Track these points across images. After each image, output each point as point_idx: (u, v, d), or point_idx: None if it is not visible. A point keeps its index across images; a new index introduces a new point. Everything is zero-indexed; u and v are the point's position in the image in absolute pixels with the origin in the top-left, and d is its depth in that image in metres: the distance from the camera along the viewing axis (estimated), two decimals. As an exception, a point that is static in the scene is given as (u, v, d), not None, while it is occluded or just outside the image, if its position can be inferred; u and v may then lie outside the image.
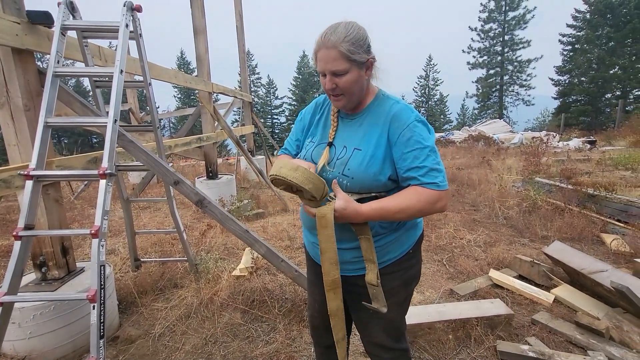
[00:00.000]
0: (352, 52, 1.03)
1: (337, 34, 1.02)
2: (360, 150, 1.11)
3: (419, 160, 1.04)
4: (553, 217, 4.10)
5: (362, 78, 1.09)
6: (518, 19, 28.70)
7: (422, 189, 1.04)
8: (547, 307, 2.44)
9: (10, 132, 1.97)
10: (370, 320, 1.25)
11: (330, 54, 1.03)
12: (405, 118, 1.08)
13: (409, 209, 1.03)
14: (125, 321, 2.45)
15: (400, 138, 1.07)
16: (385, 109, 1.13)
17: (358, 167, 1.09)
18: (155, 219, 4.93)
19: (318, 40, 1.06)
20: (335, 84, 1.07)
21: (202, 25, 4.87)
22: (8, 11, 1.83)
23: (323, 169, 1.15)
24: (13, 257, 1.62)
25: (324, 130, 1.25)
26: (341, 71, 1.05)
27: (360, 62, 1.06)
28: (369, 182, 1.09)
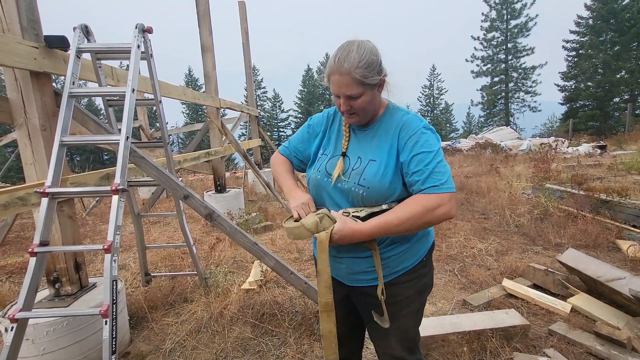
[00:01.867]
0: (366, 76, 1.04)
1: (350, 60, 1.02)
2: (375, 161, 1.13)
3: (423, 164, 1.04)
4: (566, 224, 4.02)
5: (375, 97, 1.13)
6: (520, 26, 28.83)
7: (421, 196, 1.03)
8: (564, 317, 2.37)
9: (28, 152, 2.04)
10: (386, 332, 1.22)
11: (344, 80, 1.04)
12: (414, 126, 1.11)
13: (410, 219, 1.01)
14: (136, 337, 2.45)
15: (407, 143, 1.09)
16: (395, 120, 1.15)
17: (373, 178, 1.10)
18: (165, 234, 4.97)
19: (331, 64, 1.06)
20: (350, 105, 1.10)
21: (210, 43, 5.01)
22: (27, 37, 1.93)
23: (338, 179, 1.16)
24: (28, 273, 1.65)
25: (336, 142, 1.26)
26: (356, 95, 1.07)
27: (372, 84, 1.08)
28: (384, 192, 1.10)
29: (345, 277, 1.24)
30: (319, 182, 1.23)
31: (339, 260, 1.22)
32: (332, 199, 1.19)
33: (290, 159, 1.40)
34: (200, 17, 4.91)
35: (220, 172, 5.57)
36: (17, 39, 1.84)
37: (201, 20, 4.92)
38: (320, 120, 1.34)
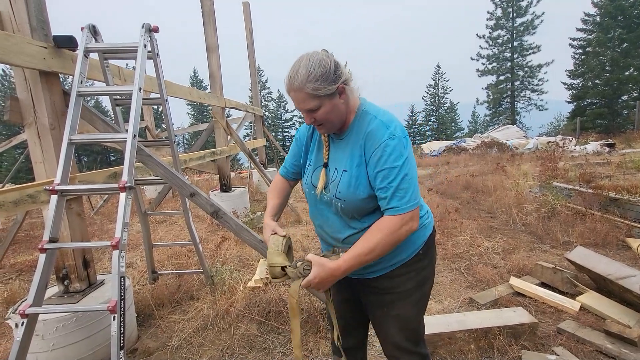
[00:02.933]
0: (318, 89, 1.04)
1: (299, 77, 1.03)
2: (347, 171, 1.14)
3: (387, 181, 1.05)
4: (574, 222, 3.97)
5: (337, 105, 1.10)
6: (526, 24, 28.52)
7: (384, 220, 1.07)
8: (573, 316, 2.34)
9: (37, 150, 2.07)
10: (386, 320, 1.25)
11: (298, 96, 1.07)
12: (379, 137, 1.07)
13: (378, 246, 1.04)
14: (143, 333, 2.47)
15: (372, 157, 1.08)
16: (363, 127, 1.13)
17: (347, 190, 1.12)
18: (171, 232, 5.01)
19: (286, 83, 1.09)
20: (313, 118, 1.11)
21: (215, 43, 5.04)
22: (36, 37, 1.95)
23: (321, 193, 1.21)
24: (38, 269, 1.68)
25: (317, 152, 1.28)
26: (313, 108, 1.08)
27: (329, 94, 1.06)
28: (359, 204, 1.13)
29: None
30: (309, 195, 1.29)
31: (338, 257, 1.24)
32: (322, 210, 1.25)
33: (287, 177, 1.43)
34: (205, 16, 4.95)
35: (225, 172, 5.60)
36: (27, 39, 1.87)
37: (206, 20, 4.95)
38: (304, 131, 1.35)
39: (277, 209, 1.37)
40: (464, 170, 8.81)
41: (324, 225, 1.26)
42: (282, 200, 1.41)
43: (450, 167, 10.44)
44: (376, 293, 1.25)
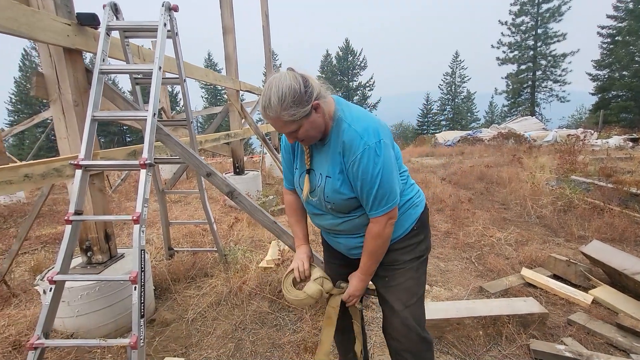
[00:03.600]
0: (294, 114, 1.07)
1: (273, 107, 1.06)
2: (330, 177, 1.21)
3: (366, 189, 1.14)
4: (591, 217, 3.89)
5: (315, 120, 1.13)
6: (553, 11, 27.17)
7: (372, 226, 1.21)
8: (585, 308, 2.33)
9: (62, 126, 2.13)
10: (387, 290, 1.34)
11: (276, 123, 1.11)
12: (354, 149, 1.12)
13: (378, 250, 1.24)
14: (160, 306, 2.58)
15: (350, 167, 1.15)
16: (340, 136, 1.16)
17: (333, 194, 1.21)
18: (185, 212, 5.14)
19: (261, 111, 1.12)
20: (295, 137, 1.16)
21: (231, 24, 5.01)
22: (60, 14, 1.98)
23: (307, 198, 1.29)
24: (64, 240, 1.76)
25: (302, 156, 1.32)
26: (293, 129, 1.12)
27: (305, 115, 1.09)
28: (346, 203, 1.22)
29: (346, 252, 1.40)
30: (300, 197, 1.36)
31: (338, 240, 1.38)
32: (313, 208, 1.33)
33: (292, 187, 1.45)
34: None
35: (239, 155, 5.65)
36: (52, 15, 1.90)
37: (223, 1, 4.90)
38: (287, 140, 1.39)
39: (306, 230, 1.47)
40: (478, 161, 8.66)
41: (317, 219, 1.37)
42: (304, 218, 1.49)
43: (464, 157, 10.26)
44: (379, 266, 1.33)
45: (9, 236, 4.27)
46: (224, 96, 37.28)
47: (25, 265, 3.33)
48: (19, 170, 1.70)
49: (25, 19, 1.71)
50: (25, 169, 1.74)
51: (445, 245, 3.58)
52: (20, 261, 3.44)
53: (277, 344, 2.11)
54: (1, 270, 2.68)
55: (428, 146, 15.65)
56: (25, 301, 2.62)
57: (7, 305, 2.57)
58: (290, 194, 1.47)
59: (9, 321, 2.30)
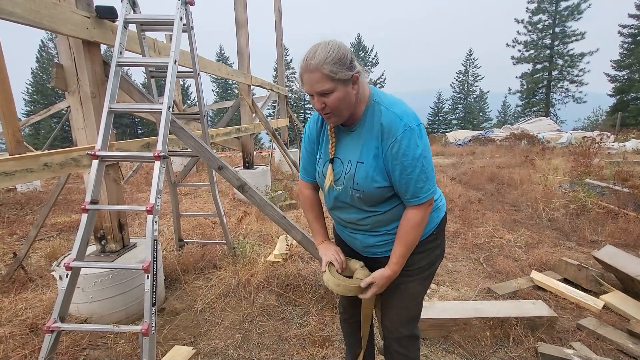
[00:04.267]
0: (335, 72, 1.04)
1: (317, 58, 1.03)
2: (363, 163, 1.14)
3: (406, 173, 1.09)
4: (605, 221, 3.81)
5: (350, 94, 1.09)
6: (572, 9, 26.38)
7: (409, 214, 1.16)
8: (595, 314, 2.29)
9: (79, 117, 2.18)
10: (395, 294, 1.33)
11: (313, 77, 1.05)
12: (394, 130, 1.08)
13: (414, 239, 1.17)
14: (170, 295, 2.64)
15: (389, 151, 1.10)
16: (376, 118, 1.13)
17: (364, 181, 1.14)
18: (195, 205, 5.21)
19: (301, 65, 1.07)
20: (324, 103, 1.08)
21: (244, 19, 5.02)
22: (80, 6, 2.02)
23: (330, 188, 1.23)
24: (81, 228, 1.81)
25: (326, 145, 1.27)
26: (327, 90, 1.06)
27: (344, 79, 1.06)
28: (376, 193, 1.15)
29: (361, 249, 1.35)
30: (322, 187, 1.31)
31: (355, 237, 1.32)
32: (334, 199, 1.28)
33: (311, 178, 1.38)
34: (236, -8, 4.91)
35: (249, 149, 5.69)
36: (72, 8, 1.94)
37: (237, -4, 4.91)
38: (312, 126, 1.33)
39: (325, 227, 1.42)
40: (489, 162, 8.54)
41: (338, 212, 1.31)
42: (323, 214, 1.43)
43: (475, 157, 10.13)
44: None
45: (26, 223, 4.40)
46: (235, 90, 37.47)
47: (42, 252, 3.43)
48: (39, 159, 1.75)
49: (47, 11, 1.75)
50: (45, 158, 1.79)
51: (454, 246, 3.56)
52: (37, 247, 3.54)
53: (284, 337, 2.14)
54: (19, 255, 2.77)
55: (438, 145, 15.48)
56: (42, 286, 2.71)
57: (24, 289, 2.66)
58: (308, 189, 1.41)
59: (26, 304, 2.38)
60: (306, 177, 1.39)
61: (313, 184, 1.39)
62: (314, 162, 1.34)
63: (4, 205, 5.12)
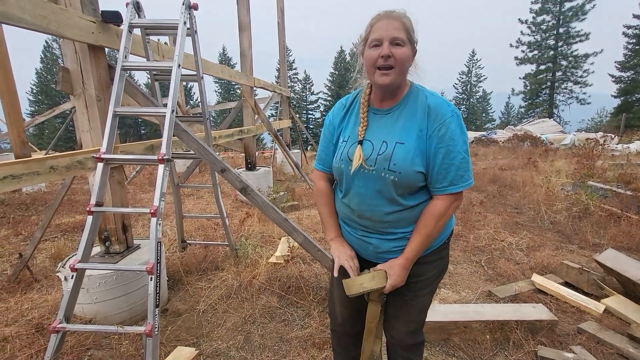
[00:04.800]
0: (412, 29, 1.09)
1: (399, 11, 1.09)
2: (404, 143, 1.09)
3: (449, 157, 1.07)
4: (607, 224, 3.80)
5: (410, 60, 1.11)
6: (576, 9, 26.29)
7: (436, 204, 1.12)
8: (596, 317, 2.30)
9: (84, 120, 2.22)
10: (405, 306, 1.28)
11: (393, 24, 1.06)
12: (442, 113, 1.08)
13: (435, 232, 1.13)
14: (173, 296, 2.67)
15: (435, 132, 1.07)
16: (422, 101, 1.12)
17: (404, 161, 1.08)
18: (198, 206, 5.24)
19: (380, 13, 1.10)
20: (392, 52, 1.05)
21: (247, 21, 5.05)
22: (86, 11, 2.06)
23: (361, 168, 1.13)
24: (86, 230, 1.83)
25: (354, 128, 1.21)
26: (400, 40, 1.06)
27: (414, 41, 1.10)
28: (413, 177, 1.09)
29: (372, 256, 1.26)
30: (342, 171, 1.20)
31: (368, 241, 1.23)
32: (357, 187, 1.17)
33: (328, 168, 1.31)
34: (239, -6, 4.94)
35: (251, 150, 5.72)
36: (79, 13, 1.97)
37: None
38: (337, 111, 1.28)
39: (337, 221, 1.34)
40: (492, 163, 8.52)
41: (358, 201, 1.19)
42: (334, 209, 1.34)
43: (477, 159, 10.12)
44: None
45: (31, 223, 4.45)
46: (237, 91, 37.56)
47: (46, 252, 3.48)
48: (45, 162, 1.78)
49: (54, 17, 1.78)
50: (51, 161, 1.82)
51: (455, 248, 3.57)
52: (42, 248, 3.58)
53: (285, 339, 2.16)
54: (25, 256, 2.81)
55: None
56: (47, 286, 2.75)
57: (29, 289, 2.70)
58: (323, 180, 1.33)
59: (32, 305, 2.42)
60: (321, 167, 1.33)
61: (328, 175, 1.32)
62: (331, 150, 1.28)
63: (10, 205, 5.18)
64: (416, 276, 1.22)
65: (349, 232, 1.29)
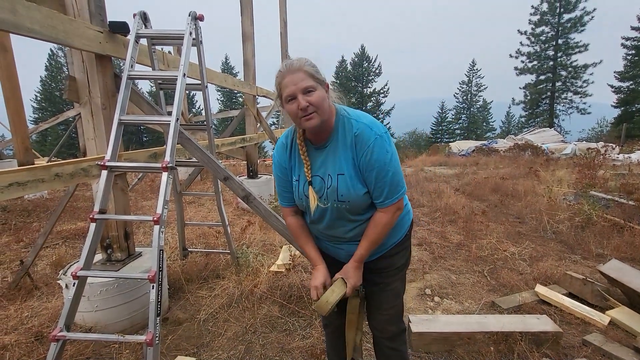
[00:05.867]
0: (316, 72, 1.16)
1: (299, 61, 1.15)
2: (344, 174, 1.22)
3: (380, 177, 1.19)
4: (610, 235, 3.79)
5: (326, 99, 1.18)
6: (574, 21, 26.63)
7: (380, 214, 1.25)
8: (601, 329, 2.27)
9: (90, 128, 2.24)
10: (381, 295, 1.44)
11: (298, 76, 1.13)
12: (366, 139, 1.18)
13: (380, 238, 1.27)
14: (173, 305, 2.65)
15: (363, 158, 1.18)
16: (349, 131, 1.21)
17: (348, 191, 1.21)
18: (199, 214, 5.24)
19: (282, 70, 1.16)
20: (308, 101, 1.13)
21: (250, 32, 5.13)
22: (94, 22, 2.10)
23: (317, 207, 1.27)
24: (89, 237, 1.83)
25: (300, 167, 1.30)
26: (311, 87, 1.13)
27: (322, 81, 1.18)
28: (360, 200, 1.23)
29: (345, 258, 1.39)
30: (304, 206, 1.32)
31: (340, 248, 1.39)
32: (319, 217, 1.31)
33: (291, 204, 1.40)
34: (243, 6, 5.03)
35: (253, 158, 5.75)
36: (87, 23, 2.01)
37: (244, 10, 5.03)
38: (282, 154, 1.35)
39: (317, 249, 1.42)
40: (493, 173, 8.52)
41: (323, 228, 1.35)
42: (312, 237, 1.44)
43: (479, 168, 10.12)
44: (375, 272, 1.41)
45: (32, 230, 4.45)
46: (240, 99, 37.85)
47: (47, 259, 3.47)
48: (50, 169, 1.79)
49: (63, 27, 1.82)
50: (56, 169, 1.83)
51: (457, 258, 3.55)
52: (42, 255, 3.58)
53: (287, 349, 2.13)
54: (26, 263, 2.80)
55: (442, 155, 15.49)
56: (47, 294, 2.73)
57: (30, 297, 2.69)
58: (292, 216, 1.42)
59: (32, 312, 2.41)
60: (285, 202, 1.41)
61: (294, 208, 1.41)
62: (289, 187, 1.36)
63: (12, 212, 5.18)
64: (387, 267, 1.40)
65: (323, 242, 1.45)
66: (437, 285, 2.96)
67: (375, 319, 1.48)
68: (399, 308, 1.47)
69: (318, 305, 1.28)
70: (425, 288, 2.91)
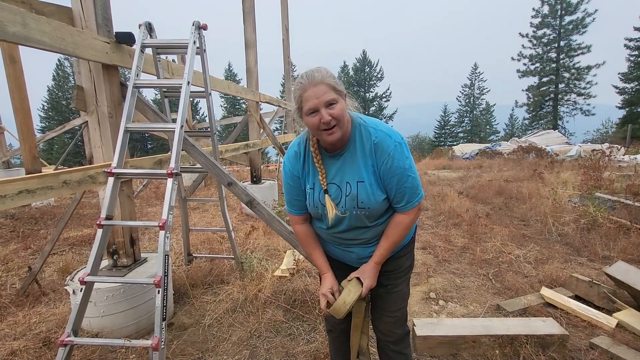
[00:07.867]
0: (336, 83, 1.16)
1: (320, 73, 1.15)
2: (364, 181, 1.23)
3: (401, 183, 1.21)
4: (616, 236, 3.75)
5: (345, 109, 1.20)
6: (576, 23, 26.61)
7: (401, 216, 1.28)
8: (608, 332, 2.25)
9: (97, 136, 2.28)
10: (389, 297, 1.46)
11: (320, 89, 1.13)
12: (386, 147, 1.20)
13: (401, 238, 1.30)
14: (178, 310, 2.66)
15: (384, 166, 1.21)
16: (367, 138, 1.22)
17: (368, 197, 1.23)
18: (203, 219, 5.27)
19: (302, 84, 1.15)
20: (330, 115, 1.13)
21: (253, 39, 5.21)
22: (101, 33, 2.15)
23: (335, 216, 1.27)
24: (95, 243, 1.86)
25: (315, 176, 1.29)
26: (333, 100, 1.13)
27: (342, 92, 1.18)
28: (380, 206, 1.25)
29: (355, 262, 1.42)
30: (321, 213, 1.31)
31: (350, 251, 1.39)
32: (337, 225, 1.31)
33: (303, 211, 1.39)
34: (245, 14, 5.11)
35: (257, 164, 5.79)
36: (94, 34, 2.06)
37: (246, 17, 5.11)
38: (294, 163, 1.34)
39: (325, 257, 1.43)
40: (497, 175, 8.49)
41: (339, 233, 1.34)
42: (320, 245, 1.44)
43: (482, 171, 10.08)
44: (382, 274, 1.40)
45: (40, 237, 4.50)
46: (243, 105, 38.19)
47: (55, 266, 3.51)
48: (59, 176, 1.83)
49: (71, 39, 1.87)
50: (65, 176, 1.87)
51: (462, 261, 3.54)
52: (50, 261, 3.62)
53: (291, 354, 2.14)
54: (34, 270, 2.84)
55: (445, 158, 15.46)
56: (55, 300, 2.77)
57: (37, 303, 2.72)
58: (300, 224, 1.41)
59: (40, 318, 2.43)
60: (294, 210, 1.40)
61: (303, 216, 1.40)
62: (301, 195, 1.35)
63: (20, 219, 5.25)
64: (395, 269, 1.42)
65: (333, 246, 1.44)
66: (441, 288, 2.95)
67: (382, 322, 1.48)
68: (405, 311, 1.49)
69: (334, 309, 1.27)
70: (430, 292, 2.90)
